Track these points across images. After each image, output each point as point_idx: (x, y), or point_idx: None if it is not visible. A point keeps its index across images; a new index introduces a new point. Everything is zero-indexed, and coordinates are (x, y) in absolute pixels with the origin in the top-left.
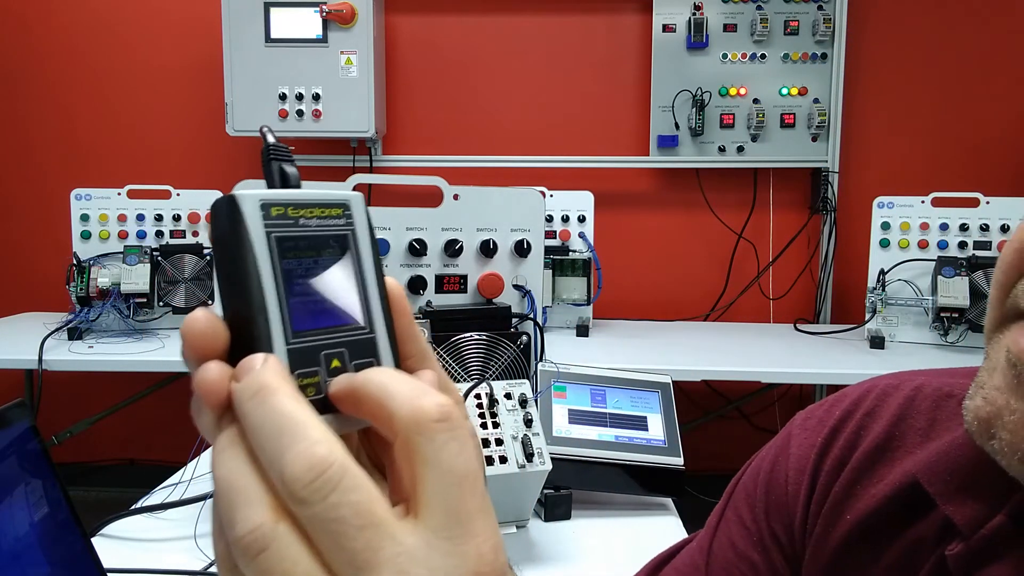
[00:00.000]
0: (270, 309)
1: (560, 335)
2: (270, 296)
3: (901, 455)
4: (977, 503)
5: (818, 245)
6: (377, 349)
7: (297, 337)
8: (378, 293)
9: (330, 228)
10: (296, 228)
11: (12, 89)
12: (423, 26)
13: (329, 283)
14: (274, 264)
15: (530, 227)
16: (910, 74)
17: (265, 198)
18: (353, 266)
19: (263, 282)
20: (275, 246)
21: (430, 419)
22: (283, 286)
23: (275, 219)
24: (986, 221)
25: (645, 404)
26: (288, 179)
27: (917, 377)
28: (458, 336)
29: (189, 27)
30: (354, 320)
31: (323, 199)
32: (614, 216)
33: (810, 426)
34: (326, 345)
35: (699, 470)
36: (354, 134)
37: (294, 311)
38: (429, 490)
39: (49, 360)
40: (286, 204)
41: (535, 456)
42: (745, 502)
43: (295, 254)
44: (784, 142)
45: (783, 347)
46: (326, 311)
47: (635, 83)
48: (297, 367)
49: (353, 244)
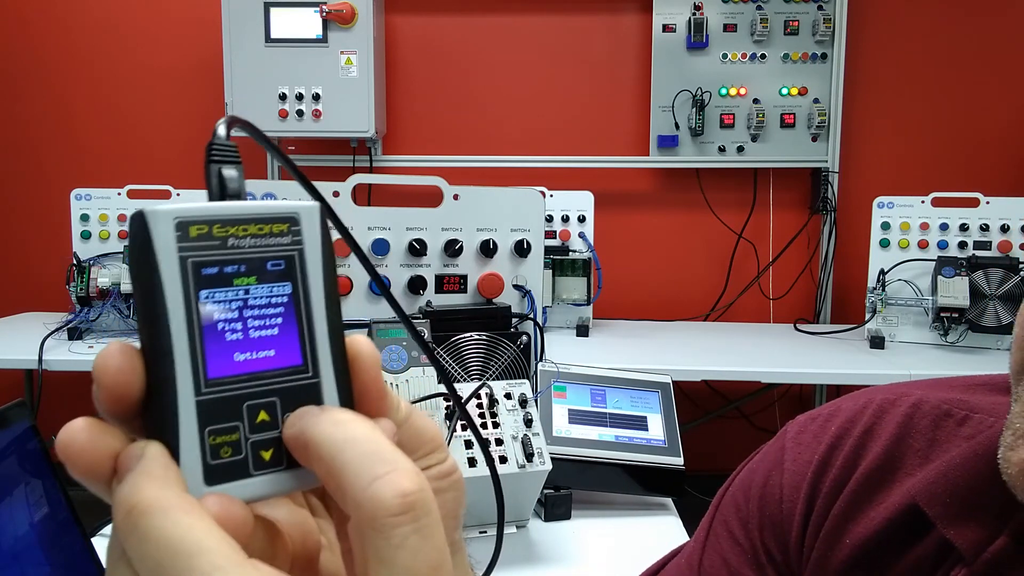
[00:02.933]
0: (176, 352)
1: (560, 335)
2: (178, 336)
3: (900, 476)
4: (978, 526)
5: (818, 245)
6: (321, 397)
7: (212, 386)
8: (327, 328)
9: (269, 249)
10: (222, 251)
11: (12, 89)
12: (423, 26)
13: (262, 317)
14: (187, 296)
15: (530, 227)
16: (910, 74)
17: (183, 215)
18: (297, 295)
19: (170, 319)
20: (191, 274)
21: (388, 513)
22: (198, 323)
23: (194, 241)
24: (986, 221)
25: (645, 404)
26: (225, 186)
27: (914, 391)
28: (458, 336)
29: (189, 27)
30: (292, 362)
31: (262, 212)
32: (614, 216)
33: (805, 441)
34: (251, 394)
35: (699, 470)
36: (354, 134)
37: (210, 354)
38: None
39: (49, 360)
40: (211, 221)
41: (535, 456)
42: (736, 517)
43: (219, 282)
44: (784, 142)
45: (783, 347)
46: (255, 352)
47: (635, 83)
48: (210, 423)
49: (299, 268)
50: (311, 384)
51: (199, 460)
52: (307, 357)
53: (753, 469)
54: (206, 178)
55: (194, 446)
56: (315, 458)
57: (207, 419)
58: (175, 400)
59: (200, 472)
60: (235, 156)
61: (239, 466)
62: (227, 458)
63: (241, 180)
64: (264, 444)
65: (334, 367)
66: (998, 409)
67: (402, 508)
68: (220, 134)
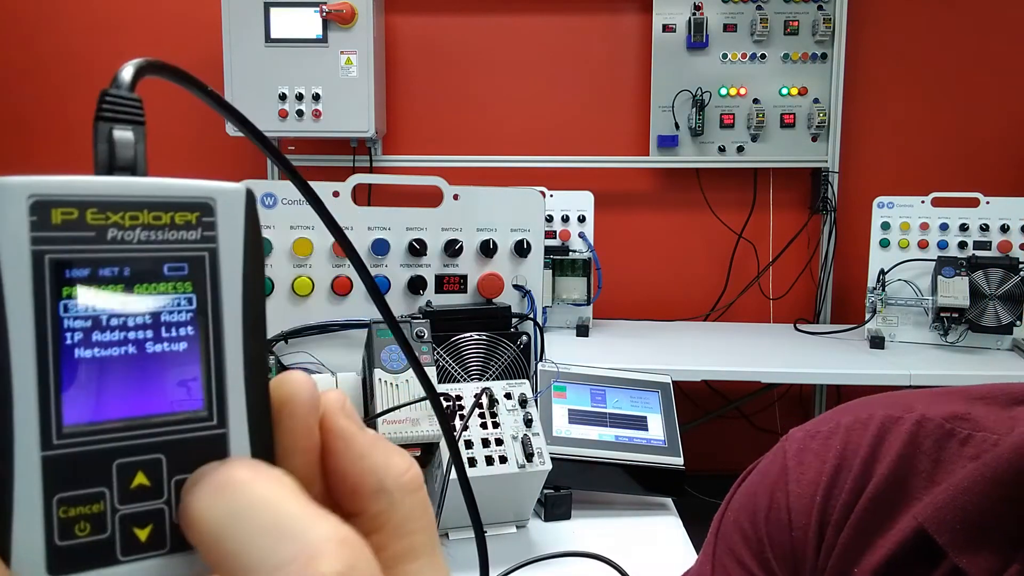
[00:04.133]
0: (16, 387)
1: (560, 335)
2: (21, 364)
3: (906, 500)
4: (990, 553)
5: (818, 245)
6: (228, 454)
7: (68, 438)
8: (242, 360)
9: (167, 247)
10: (97, 246)
11: (12, 89)
12: (423, 26)
13: (149, 342)
14: (40, 308)
15: (530, 227)
16: (910, 74)
17: (42, 191)
18: (203, 313)
19: (9, 339)
20: (48, 276)
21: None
22: (53, 346)
23: (57, 230)
24: (986, 221)
25: (645, 404)
26: (115, 154)
27: (916, 404)
28: (458, 336)
29: (189, 27)
30: (189, 406)
31: (162, 195)
32: (614, 216)
33: (807, 460)
34: (125, 449)
35: (699, 470)
36: (354, 134)
37: (68, 391)
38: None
39: None
40: (85, 203)
41: (535, 456)
42: (743, 543)
43: (89, 288)
44: (784, 142)
45: (783, 347)
46: (135, 391)
47: (635, 83)
48: (61, 488)
49: (208, 275)
50: (214, 436)
51: (41, 540)
52: (211, 400)
53: (754, 491)
54: (93, 143)
55: (35, 520)
56: (195, 541)
57: (57, 483)
58: (9, 454)
59: (42, 557)
60: (136, 114)
61: (101, 549)
62: (84, 537)
63: (140, 148)
64: (139, 518)
65: (248, 415)
66: (1001, 425)
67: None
68: (122, 80)
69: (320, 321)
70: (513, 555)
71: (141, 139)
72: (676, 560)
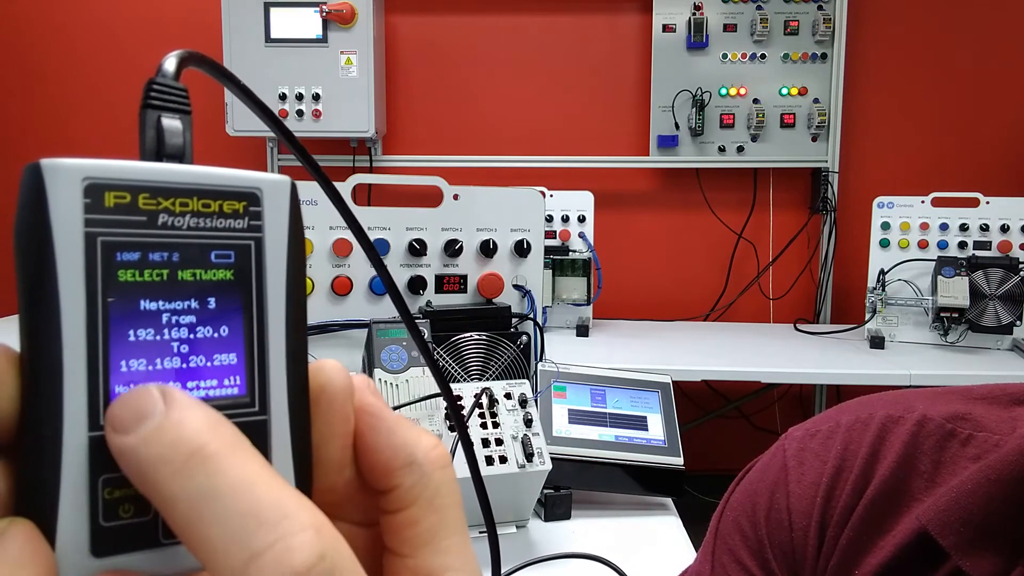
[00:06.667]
0: (67, 368)
1: (560, 335)
2: (72, 345)
3: (908, 500)
4: (994, 556)
5: (818, 245)
6: (269, 441)
7: None
8: (284, 349)
9: (215, 234)
10: (148, 231)
11: (12, 89)
12: (423, 26)
13: (195, 327)
14: (91, 290)
15: (530, 227)
16: (910, 74)
17: (96, 174)
18: (247, 301)
19: (62, 320)
20: (101, 259)
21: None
22: (103, 329)
23: (110, 213)
24: (986, 221)
25: (645, 404)
26: (164, 142)
27: (916, 403)
28: (458, 336)
29: (189, 27)
30: (233, 392)
31: (211, 183)
32: (614, 216)
33: (807, 460)
34: None
35: (699, 470)
36: (354, 134)
37: (116, 373)
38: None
39: None
40: (137, 188)
41: (535, 456)
42: (742, 543)
43: (138, 275)
44: (784, 142)
45: (783, 347)
46: (179, 374)
47: (635, 83)
48: (107, 469)
49: (254, 264)
50: (255, 423)
51: (85, 522)
52: (254, 387)
53: (753, 491)
54: (140, 130)
55: (80, 501)
56: (169, 524)
57: (103, 464)
58: (58, 434)
59: (86, 539)
60: (183, 103)
61: (144, 531)
62: (127, 519)
63: (187, 136)
64: None
65: (289, 402)
66: (1003, 425)
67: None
68: (167, 70)
69: (320, 321)
70: (513, 555)
71: (188, 127)
72: (676, 560)
